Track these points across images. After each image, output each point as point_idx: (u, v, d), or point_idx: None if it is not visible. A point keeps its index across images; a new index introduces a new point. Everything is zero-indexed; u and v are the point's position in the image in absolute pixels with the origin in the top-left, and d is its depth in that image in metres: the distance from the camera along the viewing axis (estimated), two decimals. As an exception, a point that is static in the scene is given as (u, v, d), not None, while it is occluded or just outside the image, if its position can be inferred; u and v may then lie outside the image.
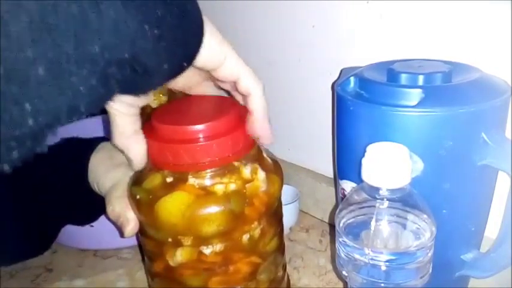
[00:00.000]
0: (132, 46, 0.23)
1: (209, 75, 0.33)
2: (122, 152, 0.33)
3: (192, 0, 0.28)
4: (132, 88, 0.26)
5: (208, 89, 0.37)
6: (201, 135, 0.32)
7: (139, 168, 0.34)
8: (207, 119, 0.33)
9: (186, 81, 0.35)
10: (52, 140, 0.22)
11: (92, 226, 0.52)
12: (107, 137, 0.42)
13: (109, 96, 0.24)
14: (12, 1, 0.17)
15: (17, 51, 0.18)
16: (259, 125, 0.34)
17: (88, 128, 0.52)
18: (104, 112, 0.30)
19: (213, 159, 0.33)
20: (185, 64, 0.28)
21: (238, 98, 0.36)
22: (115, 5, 0.21)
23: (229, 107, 0.34)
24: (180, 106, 0.38)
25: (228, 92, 0.37)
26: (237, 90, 0.33)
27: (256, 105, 0.33)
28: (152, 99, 0.54)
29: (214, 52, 0.30)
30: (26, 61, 0.18)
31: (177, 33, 0.26)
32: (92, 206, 0.43)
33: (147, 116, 0.36)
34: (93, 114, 0.36)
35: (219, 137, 0.32)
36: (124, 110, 0.31)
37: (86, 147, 0.41)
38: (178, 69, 0.28)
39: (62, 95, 0.20)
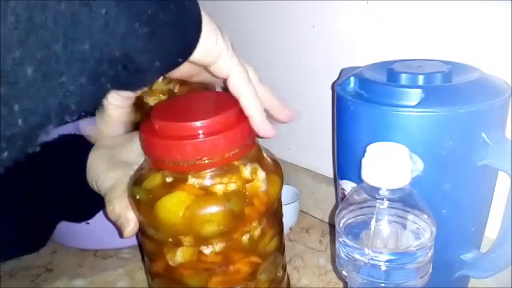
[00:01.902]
0: (123, 44, 0.22)
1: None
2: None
3: None
4: (125, 85, 0.26)
5: (207, 76, 0.37)
6: (200, 132, 0.32)
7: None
8: (207, 116, 0.33)
9: (186, 71, 0.35)
10: (49, 136, 0.22)
11: (88, 223, 0.52)
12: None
13: (101, 94, 0.24)
14: None
15: (4, 52, 0.17)
16: (260, 125, 0.34)
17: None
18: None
19: (213, 158, 0.33)
20: (180, 60, 0.28)
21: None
22: (107, 4, 0.21)
23: (229, 104, 0.34)
24: (179, 103, 0.37)
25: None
26: None
27: (250, 110, 0.33)
28: (152, 99, 0.54)
29: (209, 50, 0.30)
30: (14, 62, 0.18)
31: (170, 31, 0.26)
32: (89, 203, 0.42)
33: (146, 113, 0.36)
34: (91, 114, 0.36)
35: (218, 134, 0.32)
36: (117, 102, 0.31)
37: (84, 144, 0.40)
38: (172, 65, 0.28)
39: (52, 95, 0.20)
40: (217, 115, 0.33)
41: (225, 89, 0.37)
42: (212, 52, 0.30)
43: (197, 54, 0.29)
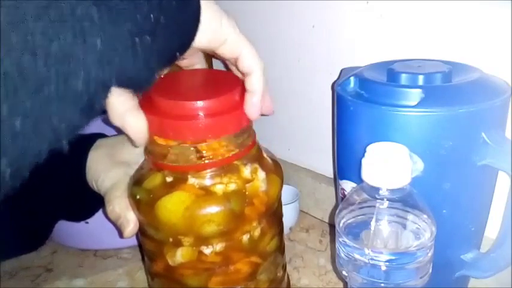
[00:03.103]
0: (120, 70, 0.22)
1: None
2: (122, 129, 0.31)
3: None
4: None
5: (195, 60, 0.37)
6: (202, 112, 0.31)
7: (141, 145, 0.33)
8: (211, 95, 0.32)
9: (194, 59, 0.35)
10: None
11: (87, 223, 0.52)
12: (106, 134, 0.42)
13: (93, 118, 0.23)
14: None
15: None
16: (257, 104, 0.33)
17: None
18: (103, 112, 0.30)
19: (215, 135, 0.32)
20: (178, 54, 0.28)
21: (237, 73, 0.35)
22: (101, 30, 0.20)
23: (232, 83, 0.34)
24: (180, 79, 0.36)
25: (225, 64, 0.37)
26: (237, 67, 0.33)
27: (256, 85, 0.32)
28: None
29: (216, 33, 0.30)
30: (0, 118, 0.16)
31: (170, 30, 0.25)
32: (88, 203, 0.42)
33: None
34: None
35: (223, 114, 0.32)
36: (118, 91, 0.30)
37: (84, 143, 0.40)
38: (171, 62, 0.28)
39: (42, 139, 0.19)
40: (221, 95, 0.32)
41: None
42: (218, 35, 0.30)
43: (204, 40, 0.29)
